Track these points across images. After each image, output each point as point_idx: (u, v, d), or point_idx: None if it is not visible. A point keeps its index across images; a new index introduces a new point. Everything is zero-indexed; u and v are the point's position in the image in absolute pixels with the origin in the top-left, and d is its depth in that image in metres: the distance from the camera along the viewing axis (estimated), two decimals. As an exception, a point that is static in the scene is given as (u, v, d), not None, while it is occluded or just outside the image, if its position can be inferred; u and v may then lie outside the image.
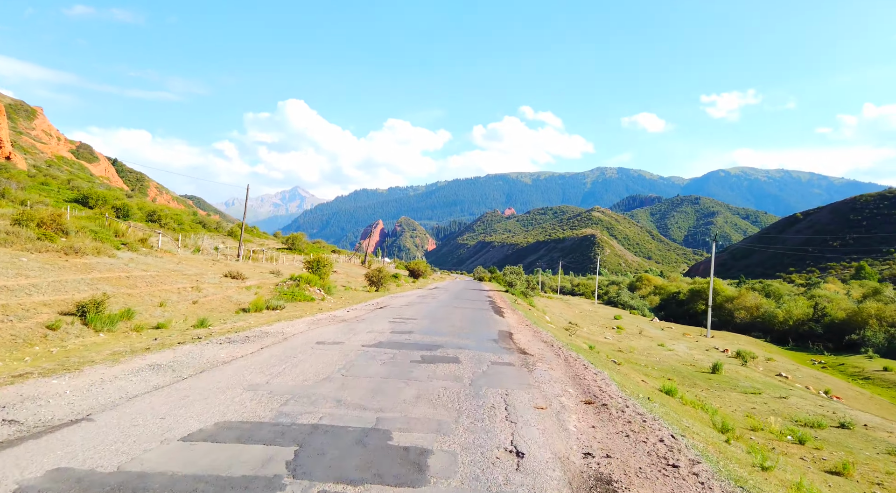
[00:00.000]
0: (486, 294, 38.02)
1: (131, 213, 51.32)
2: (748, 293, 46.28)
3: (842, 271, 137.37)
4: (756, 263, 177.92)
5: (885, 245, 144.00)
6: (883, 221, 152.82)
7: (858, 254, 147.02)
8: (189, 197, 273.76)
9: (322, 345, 9.96)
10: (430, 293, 34.34)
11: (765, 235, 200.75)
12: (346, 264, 64.83)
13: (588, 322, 36.75)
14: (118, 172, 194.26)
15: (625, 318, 44.43)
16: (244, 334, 11.08)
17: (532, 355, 10.32)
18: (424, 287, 46.06)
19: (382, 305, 21.67)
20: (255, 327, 12.39)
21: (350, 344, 10.20)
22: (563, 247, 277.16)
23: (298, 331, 12.01)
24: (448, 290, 41.60)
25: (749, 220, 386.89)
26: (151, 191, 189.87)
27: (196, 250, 33.32)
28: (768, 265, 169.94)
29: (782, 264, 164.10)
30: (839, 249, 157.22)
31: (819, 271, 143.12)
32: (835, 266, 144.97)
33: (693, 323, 53.61)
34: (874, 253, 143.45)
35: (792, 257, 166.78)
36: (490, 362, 8.95)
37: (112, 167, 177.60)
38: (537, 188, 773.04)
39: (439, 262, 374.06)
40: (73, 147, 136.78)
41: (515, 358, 9.73)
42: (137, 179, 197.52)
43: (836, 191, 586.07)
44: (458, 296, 32.60)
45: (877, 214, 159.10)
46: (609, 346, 22.28)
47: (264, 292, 21.34)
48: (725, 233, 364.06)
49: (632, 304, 57.92)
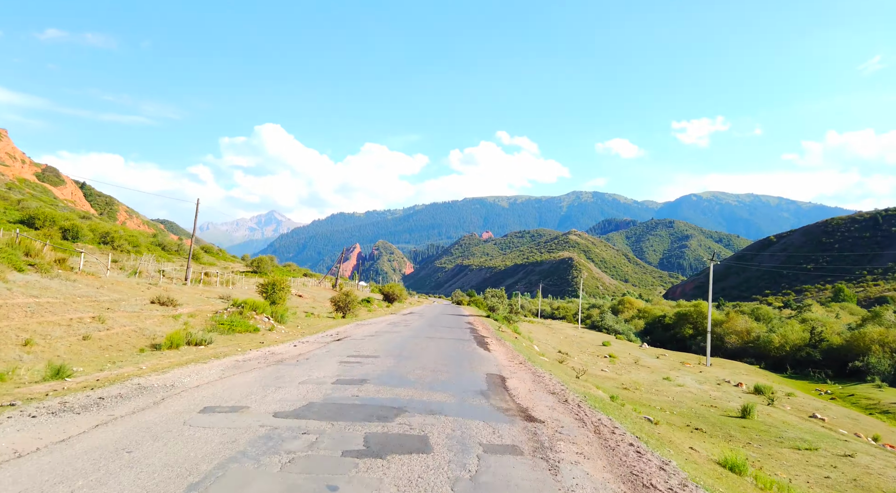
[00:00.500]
0: (465, 320, 34.29)
1: (82, 234, 47.45)
2: (738, 317, 43.78)
3: (817, 294, 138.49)
4: (733, 285, 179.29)
5: (858, 267, 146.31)
6: (854, 244, 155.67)
7: (832, 276, 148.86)
8: (161, 221, 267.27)
9: (209, 415, 6.19)
10: (404, 319, 30.51)
11: (740, 257, 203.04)
12: (315, 288, 60.39)
13: (577, 350, 33.33)
14: (87, 195, 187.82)
15: (614, 344, 41.23)
16: (106, 392, 7.25)
17: (543, 423, 6.72)
18: (399, 312, 42.09)
19: (342, 336, 17.83)
20: (137, 377, 8.52)
21: (256, 412, 6.44)
22: (540, 270, 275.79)
23: (198, 383, 8.19)
24: (424, 315, 37.76)
25: (722, 243, 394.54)
26: (121, 215, 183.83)
27: (133, 272, 28.88)
28: (744, 287, 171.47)
29: (758, 286, 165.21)
30: (812, 271, 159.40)
31: (794, 294, 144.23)
32: (810, 288, 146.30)
33: (681, 348, 50.71)
34: (847, 275, 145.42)
35: (767, 280, 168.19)
36: (482, 449, 5.28)
37: (79, 191, 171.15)
38: (514, 212, 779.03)
39: (417, 285, 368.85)
40: (39, 170, 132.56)
41: (520, 433, 6.09)
42: (107, 202, 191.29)
43: (804, 215, 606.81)
44: (434, 323, 28.83)
45: (848, 237, 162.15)
46: (611, 381, 18.86)
47: (196, 322, 17.30)
48: (699, 256, 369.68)
49: (617, 328, 54.91)
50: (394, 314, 38.24)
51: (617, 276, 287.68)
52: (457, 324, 29.08)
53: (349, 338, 16.99)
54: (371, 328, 21.90)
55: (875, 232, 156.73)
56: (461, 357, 13.14)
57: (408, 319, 31.68)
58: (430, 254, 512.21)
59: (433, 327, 25.42)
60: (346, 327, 22.12)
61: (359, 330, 20.79)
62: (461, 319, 35.50)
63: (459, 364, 11.88)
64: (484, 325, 30.25)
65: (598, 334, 52.06)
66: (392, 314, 38.21)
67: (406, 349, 14.24)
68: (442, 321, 30.93)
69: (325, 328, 21.32)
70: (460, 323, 30.22)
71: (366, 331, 20.41)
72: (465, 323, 30.66)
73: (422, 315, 37.53)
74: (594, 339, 44.64)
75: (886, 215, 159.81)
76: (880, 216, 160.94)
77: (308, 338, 16.93)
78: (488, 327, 28.78)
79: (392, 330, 21.33)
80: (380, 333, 19.59)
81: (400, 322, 27.34)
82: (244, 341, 15.37)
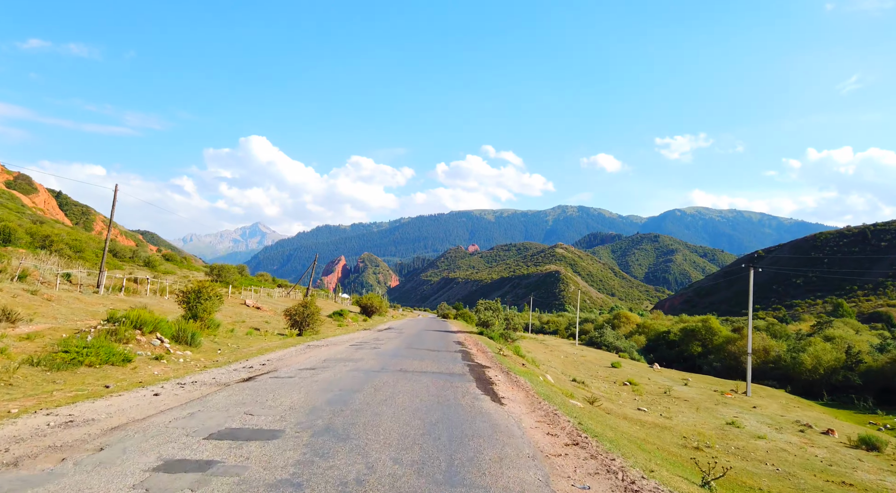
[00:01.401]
0: (454, 338, 28.04)
1: (15, 237, 42.05)
2: (753, 334, 38.23)
3: (809, 308, 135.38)
4: (721, 300, 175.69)
5: (848, 282, 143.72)
6: (844, 259, 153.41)
7: (822, 291, 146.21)
8: (142, 232, 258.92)
9: None
10: (376, 338, 24.23)
11: (728, 272, 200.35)
12: (282, 299, 53.56)
13: (586, 374, 27.44)
14: (62, 205, 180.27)
15: (625, 366, 35.41)
16: None
17: None
18: (374, 328, 35.65)
19: (266, 369, 11.61)
20: None
21: None
22: (527, 283, 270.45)
23: None
24: (403, 332, 31.42)
25: (707, 258, 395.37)
26: (98, 224, 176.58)
27: (13, 276, 22.15)
28: (733, 303, 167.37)
29: (746, 301, 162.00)
30: (802, 286, 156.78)
31: (785, 309, 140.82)
32: (800, 303, 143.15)
33: (689, 368, 44.97)
34: (838, 291, 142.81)
35: (756, 295, 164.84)
36: None
37: (53, 199, 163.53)
38: (500, 225, 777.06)
39: (402, 298, 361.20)
40: (10, 178, 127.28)
41: None
42: (83, 212, 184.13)
43: (786, 230, 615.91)
44: (414, 342, 22.61)
45: (837, 252, 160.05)
46: (666, 432, 12.97)
47: (32, 348, 10.93)
48: (685, 270, 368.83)
49: (618, 345, 49.01)
50: (367, 330, 31.84)
51: (604, 290, 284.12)
52: (444, 344, 22.86)
53: (271, 374, 10.80)
54: (322, 353, 15.66)
55: (864, 247, 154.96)
56: (455, 426, 7.00)
57: (382, 337, 25.38)
58: (416, 267, 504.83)
59: (412, 349, 19.19)
60: (288, 351, 15.85)
61: (303, 356, 14.55)
62: (449, 337, 29.23)
63: (451, 449, 5.79)
64: (478, 345, 24.06)
65: (599, 352, 46.27)
66: (365, 330, 31.80)
67: (352, 404, 8.04)
68: (425, 340, 24.67)
69: (260, 353, 15.07)
70: (448, 343, 24.00)
71: (312, 358, 14.18)
72: (453, 343, 24.44)
73: (401, 332, 31.17)
74: (598, 358, 38.78)
75: (875, 230, 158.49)
76: (869, 231, 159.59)
77: (210, 373, 10.70)
78: (485, 348, 22.60)
79: (351, 356, 15.11)
80: (329, 362, 13.38)
81: (368, 342, 21.05)
82: (90, 381, 9.11)
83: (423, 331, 34.32)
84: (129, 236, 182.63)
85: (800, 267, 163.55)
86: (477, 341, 26.69)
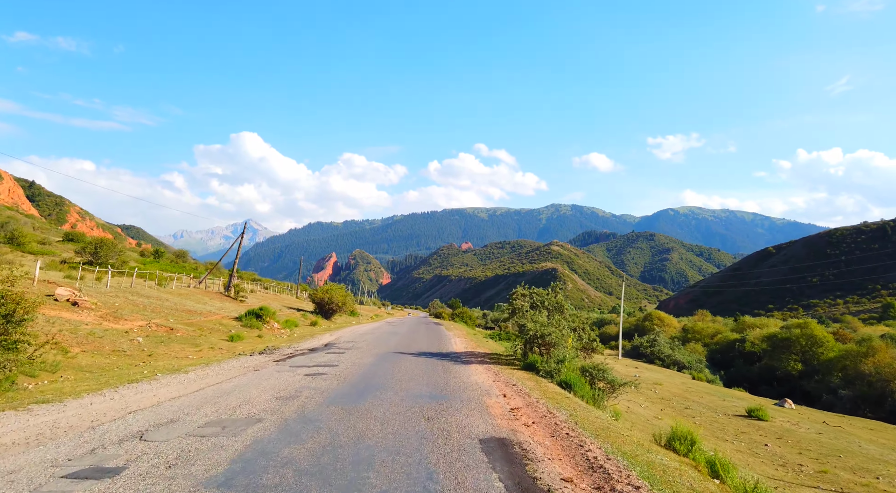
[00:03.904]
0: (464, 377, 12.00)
1: None
2: (887, 349, 26.30)
3: (829, 309, 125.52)
4: (731, 299, 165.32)
5: (870, 280, 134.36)
6: (863, 257, 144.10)
7: (842, 291, 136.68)
8: (128, 227, 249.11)
9: None
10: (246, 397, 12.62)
11: (737, 270, 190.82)
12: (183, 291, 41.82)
13: (709, 432, 16.55)
14: (34, 195, 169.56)
15: (735, 401, 24.02)
16: None
17: None
18: (312, 337, 23.81)
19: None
20: None
21: None
22: (523, 281, 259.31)
23: None
24: (362, 356, 15.35)
25: (703, 257, 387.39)
26: (72, 216, 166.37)
27: None
28: (743, 302, 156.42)
29: (759, 301, 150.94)
30: (818, 285, 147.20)
31: (802, 309, 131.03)
32: (819, 303, 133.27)
33: (788, 393, 29.88)
34: (858, 290, 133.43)
35: (769, 294, 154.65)
36: None
37: (19, 189, 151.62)
38: (493, 223, 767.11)
39: (394, 296, 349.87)
40: None
41: None
42: (56, 203, 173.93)
43: (778, 230, 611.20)
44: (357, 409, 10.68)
45: (855, 249, 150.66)
46: None
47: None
48: (681, 269, 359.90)
49: (678, 359, 37.06)
50: (310, 338, 20.31)
51: (601, 288, 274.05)
52: (444, 419, 10.31)
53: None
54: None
55: (884, 243, 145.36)
56: None
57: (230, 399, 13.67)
58: (409, 264, 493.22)
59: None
60: None
61: None
62: (451, 368, 13.46)
63: None
64: (547, 430, 7.19)
65: (661, 371, 34.38)
66: (309, 338, 20.28)
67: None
68: (390, 392, 12.49)
69: None
70: (454, 410, 8.12)
71: None
72: (467, 403, 8.59)
73: (354, 360, 15.74)
74: (685, 389, 26.65)
75: (895, 226, 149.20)
76: (889, 227, 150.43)
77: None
78: None
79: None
80: None
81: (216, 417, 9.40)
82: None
83: (406, 343, 22.75)
84: (106, 229, 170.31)
85: (816, 263, 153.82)
86: (555, 425, 7.36)
